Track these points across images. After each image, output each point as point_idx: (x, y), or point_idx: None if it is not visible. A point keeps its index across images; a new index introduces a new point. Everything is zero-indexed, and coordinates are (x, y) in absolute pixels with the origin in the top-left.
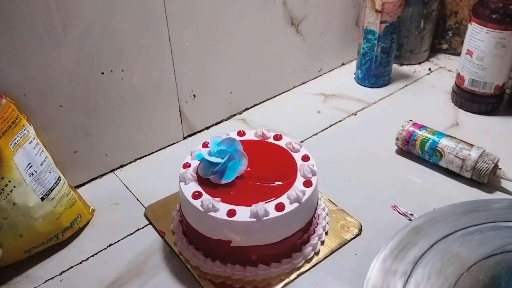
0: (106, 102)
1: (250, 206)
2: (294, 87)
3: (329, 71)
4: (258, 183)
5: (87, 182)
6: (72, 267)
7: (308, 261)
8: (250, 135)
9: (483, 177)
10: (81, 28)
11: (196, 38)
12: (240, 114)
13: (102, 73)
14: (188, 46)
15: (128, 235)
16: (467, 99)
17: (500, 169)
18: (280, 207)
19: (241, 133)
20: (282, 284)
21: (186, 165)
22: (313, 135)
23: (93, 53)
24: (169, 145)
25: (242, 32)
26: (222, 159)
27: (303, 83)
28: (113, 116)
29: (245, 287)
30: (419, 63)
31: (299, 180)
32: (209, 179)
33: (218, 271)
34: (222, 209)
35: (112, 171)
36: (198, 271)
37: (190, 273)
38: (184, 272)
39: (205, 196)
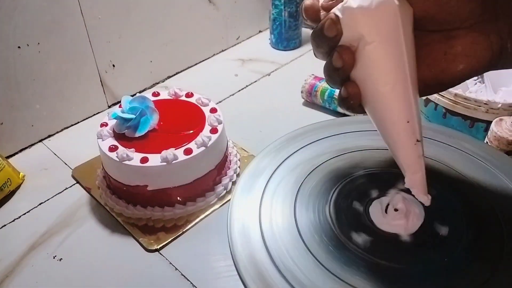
0: (26, 75)
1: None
2: (214, 54)
3: (247, 38)
4: (169, 134)
5: (17, 153)
6: (5, 225)
7: (220, 199)
8: (164, 95)
9: None
10: None
11: (108, 10)
12: (163, 82)
13: (19, 47)
14: (101, 18)
15: (57, 194)
16: None
17: None
18: (188, 151)
19: (155, 94)
20: (198, 219)
21: (103, 124)
22: (231, 95)
23: (6, 28)
24: (94, 114)
25: (153, 3)
26: (135, 115)
27: (222, 51)
28: (36, 88)
29: (166, 226)
30: None
31: (207, 128)
32: (124, 134)
33: (139, 214)
34: (136, 157)
35: (40, 141)
36: (122, 217)
37: (115, 220)
38: (109, 220)
39: (121, 148)
